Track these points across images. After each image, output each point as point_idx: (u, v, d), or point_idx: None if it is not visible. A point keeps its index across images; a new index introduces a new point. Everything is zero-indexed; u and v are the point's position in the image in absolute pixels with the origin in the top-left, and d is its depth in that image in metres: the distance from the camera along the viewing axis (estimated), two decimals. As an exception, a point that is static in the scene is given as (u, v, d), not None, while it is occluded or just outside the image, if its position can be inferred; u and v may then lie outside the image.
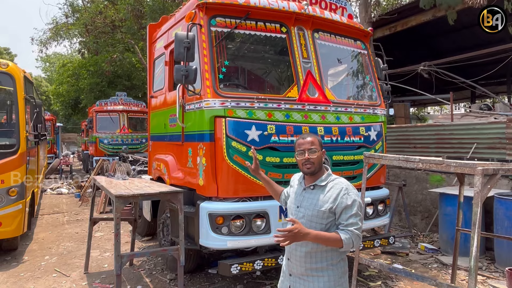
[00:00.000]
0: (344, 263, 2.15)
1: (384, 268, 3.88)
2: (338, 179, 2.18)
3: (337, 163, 4.24)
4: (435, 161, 2.86)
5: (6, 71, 5.37)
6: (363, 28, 4.95)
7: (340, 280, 2.11)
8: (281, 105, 3.97)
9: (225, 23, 4.00)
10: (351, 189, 2.10)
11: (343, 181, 2.17)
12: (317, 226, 2.09)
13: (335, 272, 2.10)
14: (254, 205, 3.79)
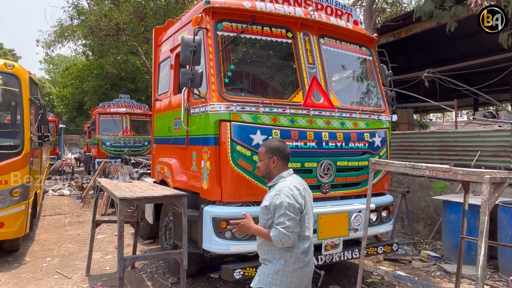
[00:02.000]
0: (285, 262, 2.32)
1: (389, 275, 3.86)
2: (283, 182, 2.41)
3: (341, 169, 4.22)
4: (442, 168, 2.85)
5: (12, 72, 5.39)
6: (368, 34, 4.96)
7: (274, 275, 2.33)
8: (286, 110, 3.97)
9: (231, 28, 4.02)
10: (284, 191, 2.31)
11: (284, 184, 2.38)
12: (262, 221, 2.46)
13: (273, 266, 2.35)
14: (257, 210, 3.74)
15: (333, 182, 4.16)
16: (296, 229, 2.26)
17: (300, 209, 2.30)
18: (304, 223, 2.36)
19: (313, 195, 3.99)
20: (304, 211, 2.34)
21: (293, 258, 2.32)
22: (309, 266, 2.43)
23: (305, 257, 2.37)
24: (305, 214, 2.36)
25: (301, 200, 2.32)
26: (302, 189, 2.41)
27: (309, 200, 2.46)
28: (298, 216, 2.29)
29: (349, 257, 4.26)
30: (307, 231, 2.39)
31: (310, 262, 2.44)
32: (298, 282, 2.35)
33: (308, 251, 2.41)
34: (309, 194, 2.49)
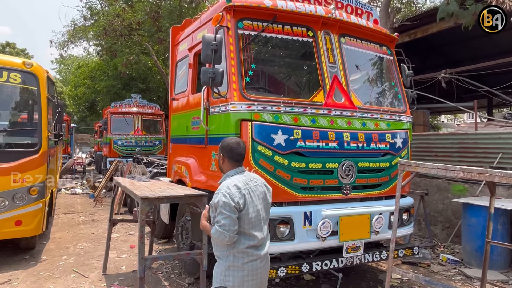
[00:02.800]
0: (234, 258, 2.36)
1: (420, 280, 3.76)
2: (226, 181, 2.44)
3: (363, 170, 4.15)
4: (478, 170, 2.77)
5: (30, 71, 5.41)
6: (389, 34, 4.88)
7: (226, 272, 2.37)
8: (307, 109, 3.91)
9: (252, 26, 3.97)
10: (222, 190, 2.35)
11: (225, 182, 2.42)
12: (211, 218, 2.45)
13: (223, 262, 2.40)
14: (278, 210, 3.72)
15: (354, 183, 4.09)
16: (233, 227, 2.29)
17: (236, 207, 2.31)
18: (246, 221, 2.36)
19: (334, 196, 4.00)
20: (244, 210, 2.35)
21: (240, 253, 2.37)
22: (262, 260, 2.45)
23: (254, 251, 2.40)
24: (246, 212, 2.36)
25: (238, 199, 2.32)
26: (245, 188, 2.39)
27: (255, 199, 2.43)
28: (235, 215, 2.30)
29: (369, 260, 4.19)
30: (254, 229, 2.40)
31: (264, 256, 2.46)
32: (250, 275, 2.38)
33: (259, 246, 2.43)
34: (257, 193, 2.46)
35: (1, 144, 5.27)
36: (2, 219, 4.96)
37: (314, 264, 3.79)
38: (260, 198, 2.47)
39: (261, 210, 2.46)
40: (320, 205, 3.91)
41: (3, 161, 5.03)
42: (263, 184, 2.57)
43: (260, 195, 2.48)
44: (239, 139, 2.69)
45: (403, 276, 3.85)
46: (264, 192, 2.52)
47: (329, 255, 3.99)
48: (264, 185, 2.57)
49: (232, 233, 2.28)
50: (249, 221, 2.36)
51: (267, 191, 2.57)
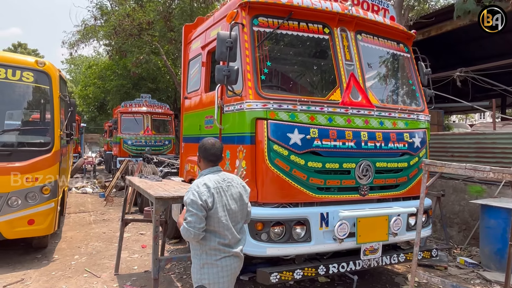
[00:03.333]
0: (206, 255, 2.41)
1: (446, 285, 3.65)
2: (196, 180, 2.50)
3: (380, 171, 4.05)
4: (510, 171, 2.66)
5: (43, 70, 5.40)
6: (406, 31, 4.76)
7: (201, 270, 2.42)
8: (324, 108, 3.82)
9: (267, 23, 3.89)
10: (192, 188, 2.41)
11: (196, 181, 2.48)
12: None
13: (197, 261, 2.45)
14: (294, 211, 3.64)
15: (371, 183, 3.99)
16: (198, 224, 2.32)
17: (204, 206, 2.34)
18: (215, 220, 2.39)
19: (351, 197, 3.90)
20: (213, 209, 2.37)
21: (212, 249, 2.41)
22: (234, 257, 2.47)
23: (226, 248, 2.43)
24: (215, 211, 2.38)
25: (206, 198, 2.35)
26: (215, 187, 2.42)
27: (227, 198, 2.46)
28: (202, 213, 2.34)
29: (387, 263, 4.08)
30: (224, 228, 2.42)
31: (236, 254, 2.48)
32: (225, 271, 2.42)
33: (231, 244, 2.45)
34: (230, 193, 2.49)
35: (14, 143, 5.26)
36: (15, 218, 4.95)
37: (331, 266, 3.70)
38: (234, 198, 2.50)
39: (234, 209, 2.48)
40: (336, 206, 3.82)
41: (15, 160, 5.02)
42: (239, 184, 2.59)
43: (234, 195, 2.50)
44: (216, 140, 2.70)
45: (428, 280, 3.74)
46: (239, 193, 2.54)
47: (346, 258, 3.89)
48: (241, 185, 2.60)
49: (197, 230, 2.32)
50: (218, 219, 2.39)
51: (244, 191, 2.60)
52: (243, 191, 2.59)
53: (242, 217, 2.59)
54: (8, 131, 5.30)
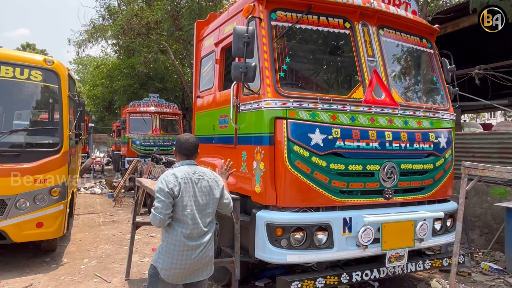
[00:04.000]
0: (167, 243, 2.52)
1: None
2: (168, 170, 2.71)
3: (405, 173, 3.83)
4: None
5: (51, 69, 5.25)
6: (430, 25, 4.52)
7: (159, 254, 2.55)
8: (346, 106, 3.61)
9: (285, 17, 3.70)
10: (161, 178, 2.58)
11: (166, 171, 2.65)
12: None
13: (162, 245, 2.58)
14: (316, 216, 3.44)
15: (396, 186, 3.77)
16: (165, 210, 2.46)
17: (170, 193, 2.48)
18: (180, 208, 2.51)
19: (375, 201, 3.69)
20: (178, 197, 2.49)
21: (173, 240, 2.51)
22: (194, 252, 2.52)
23: (188, 241, 2.50)
24: (180, 200, 2.50)
25: (172, 186, 2.49)
26: (183, 177, 2.55)
27: (194, 190, 2.56)
28: (168, 200, 2.47)
29: (412, 270, 3.86)
30: (188, 218, 2.51)
31: (198, 249, 2.54)
32: (180, 264, 2.50)
33: (193, 235, 2.52)
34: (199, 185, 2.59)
35: (22, 144, 5.12)
36: (23, 221, 4.80)
37: (354, 274, 3.50)
38: (203, 191, 2.60)
39: (202, 202, 2.58)
40: (359, 210, 3.61)
41: (24, 161, 4.87)
42: (211, 179, 2.69)
43: (203, 188, 2.60)
44: (191, 136, 2.81)
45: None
46: (209, 187, 2.64)
47: (369, 265, 3.69)
48: (213, 180, 2.69)
49: (163, 216, 2.46)
50: (183, 208, 2.50)
51: (216, 186, 2.69)
52: (215, 185, 2.68)
53: (212, 212, 2.65)
54: (16, 131, 5.15)
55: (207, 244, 2.59)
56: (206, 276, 2.68)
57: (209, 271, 2.69)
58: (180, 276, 2.54)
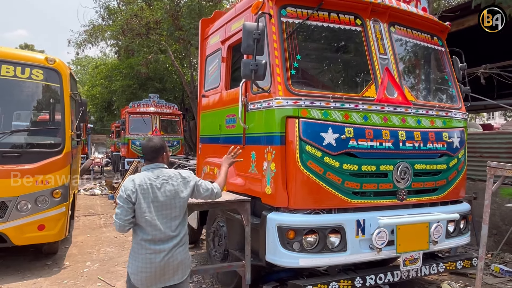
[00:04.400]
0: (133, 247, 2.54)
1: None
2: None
3: (419, 173, 3.73)
4: None
5: (53, 67, 5.13)
6: (441, 22, 4.43)
7: (129, 258, 2.56)
8: (359, 105, 3.51)
9: (296, 14, 3.59)
10: (123, 184, 2.56)
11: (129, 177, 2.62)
12: None
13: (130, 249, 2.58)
14: (329, 218, 3.34)
15: (409, 187, 3.67)
16: (124, 216, 2.46)
17: (128, 199, 2.47)
18: (139, 214, 2.48)
19: (388, 202, 3.59)
20: (136, 203, 2.47)
21: (137, 243, 2.52)
22: (158, 255, 2.48)
23: (150, 245, 2.47)
24: (138, 206, 2.47)
25: (130, 193, 2.47)
26: (143, 183, 2.50)
27: (155, 195, 2.50)
28: (127, 205, 2.46)
29: (426, 273, 3.76)
30: (147, 224, 2.47)
31: (162, 253, 2.49)
32: (144, 268, 2.47)
33: (155, 240, 2.48)
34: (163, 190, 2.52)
35: (23, 145, 4.99)
36: (25, 224, 4.68)
37: (368, 278, 3.40)
38: (167, 195, 2.52)
39: (166, 206, 2.51)
40: (372, 212, 3.51)
41: (25, 162, 4.75)
42: (179, 181, 2.60)
43: (168, 192, 2.52)
44: (152, 139, 2.71)
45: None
46: (175, 190, 2.55)
47: (383, 268, 3.59)
48: (182, 183, 2.61)
49: (122, 222, 2.47)
50: (141, 214, 2.46)
51: (184, 187, 2.61)
52: (182, 187, 2.59)
53: (179, 214, 2.58)
54: (17, 131, 5.03)
55: (173, 248, 2.51)
56: (178, 280, 2.58)
57: (180, 275, 2.59)
58: (148, 280, 2.49)
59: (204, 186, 2.75)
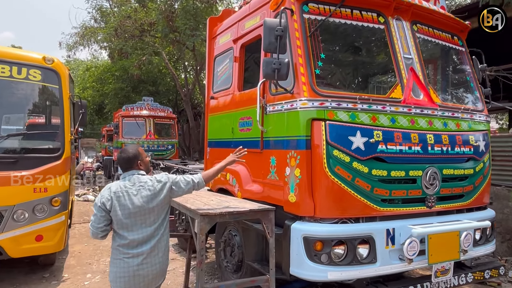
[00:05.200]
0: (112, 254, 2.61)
1: None
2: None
3: (447, 179, 3.54)
4: None
5: (51, 67, 4.83)
6: (462, 21, 4.27)
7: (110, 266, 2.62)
8: (386, 107, 3.32)
9: (318, 10, 3.39)
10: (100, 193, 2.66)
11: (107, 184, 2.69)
12: None
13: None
14: (358, 228, 3.12)
15: (438, 194, 3.48)
16: (97, 224, 2.56)
17: (102, 208, 2.55)
18: (115, 222, 2.56)
19: (417, 209, 3.39)
20: (111, 211, 2.53)
21: (114, 249, 2.60)
22: (137, 259, 2.52)
23: (126, 249, 2.53)
24: (114, 214, 2.53)
25: (104, 201, 2.54)
26: (118, 191, 2.56)
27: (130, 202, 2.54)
28: (100, 214, 2.55)
29: (455, 284, 3.55)
30: (123, 230, 2.54)
31: (141, 256, 2.54)
32: (122, 272, 2.51)
33: (133, 246, 2.54)
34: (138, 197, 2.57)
35: (19, 149, 4.68)
36: (22, 234, 4.36)
37: (398, 291, 3.19)
38: (144, 200, 2.57)
39: (142, 212, 2.55)
40: (400, 220, 3.31)
41: (22, 168, 4.43)
42: (154, 185, 2.62)
43: (144, 197, 2.57)
44: (125, 149, 2.77)
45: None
46: (151, 194, 2.60)
47: (412, 280, 3.39)
48: (156, 187, 2.62)
49: (95, 229, 2.57)
50: (117, 221, 2.54)
51: (161, 189, 2.63)
52: (158, 190, 2.62)
53: (156, 218, 2.62)
54: (14, 135, 4.71)
55: (151, 252, 2.57)
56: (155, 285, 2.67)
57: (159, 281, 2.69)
58: (127, 285, 2.52)
59: (183, 180, 2.74)
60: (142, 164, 2.74)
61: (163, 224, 2.66)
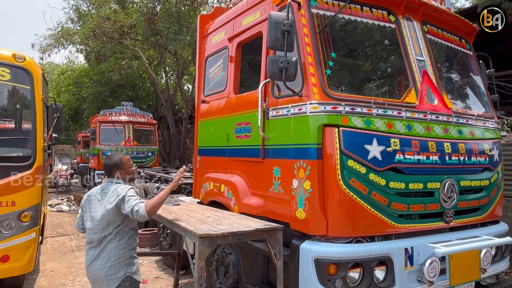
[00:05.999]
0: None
1: None
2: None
3: (464, 191, 3.27)
4: None
5: (22, 66, 4.33)
6: (470, 23, 4.06)
7: None
8: (402, 112, 3.01)
9: (326, 5, 3.07)
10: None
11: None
12: None
13: None
14: (375, 248, 2.78)
15: (455, 207, 3.19)
16: (79, 221, 2.89)
17: (81, 207, 2.88)
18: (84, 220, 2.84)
19: (436, 225, 3.08)
20: (83, 211, 2.85)
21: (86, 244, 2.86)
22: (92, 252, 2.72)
23: (88, 248, 2.79)
24: (84, 213, 2.84)
25: (83, 201, 2.87)
26: (90, 194, 2.86)
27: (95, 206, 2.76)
28: (80, 212, 2.89)
29: (474, 305, 3.27)
30: (87, 231, 2.78)
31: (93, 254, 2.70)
32: (87, 265, 2.78)
33: (89, 245, 2.78)
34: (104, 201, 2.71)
35: (-17, 158, 4.14)
36: (-16, 255, 3.82)
37: (418, 317, 2.85)
38: (102, 207, 2.71)
39: (98, 217, 2.70)
40: (416, 238, 3.00)
41: (-14, 179, 3.91)
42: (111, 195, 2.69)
43: (101, 205, 2.72)
44: (111, 156, 2.92)
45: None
46: (105, 203, 2.70)
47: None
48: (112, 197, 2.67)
49: (77, 226, 2.95)
50: (85, 222, 2.82)
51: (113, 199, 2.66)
52: (110, 200, 2.68)
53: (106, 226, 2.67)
54: (-24, 142, 4.17)
55: (97, 257, 2.68)
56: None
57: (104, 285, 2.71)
58: (88, 274, 2.78)
59: (129, 203, 2.64)
60: (123, 173, 2.85)
61: (115, 236, 2.67)
